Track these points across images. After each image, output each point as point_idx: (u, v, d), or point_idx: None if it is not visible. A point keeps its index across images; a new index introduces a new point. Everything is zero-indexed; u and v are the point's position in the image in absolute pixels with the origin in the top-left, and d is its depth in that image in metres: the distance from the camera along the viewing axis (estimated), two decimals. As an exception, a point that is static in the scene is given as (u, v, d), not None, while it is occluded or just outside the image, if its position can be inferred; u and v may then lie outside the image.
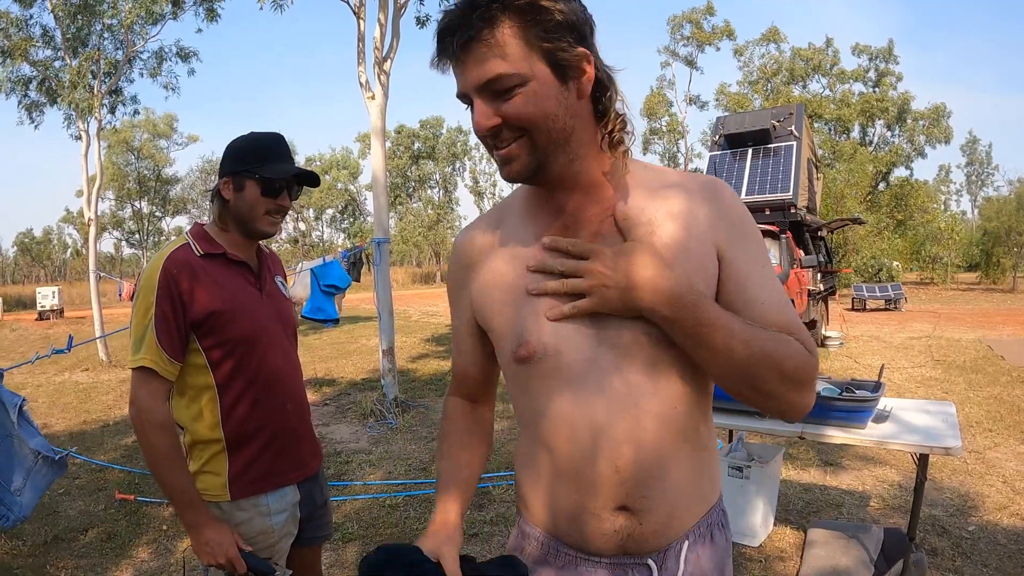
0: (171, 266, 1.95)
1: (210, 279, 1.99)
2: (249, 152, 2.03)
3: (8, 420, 2.75)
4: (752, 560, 3.88)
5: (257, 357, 2.05)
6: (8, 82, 12.89)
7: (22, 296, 35.46)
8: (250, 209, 2.02)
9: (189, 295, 1.94)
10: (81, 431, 7.35)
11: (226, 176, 2.03)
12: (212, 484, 2.04)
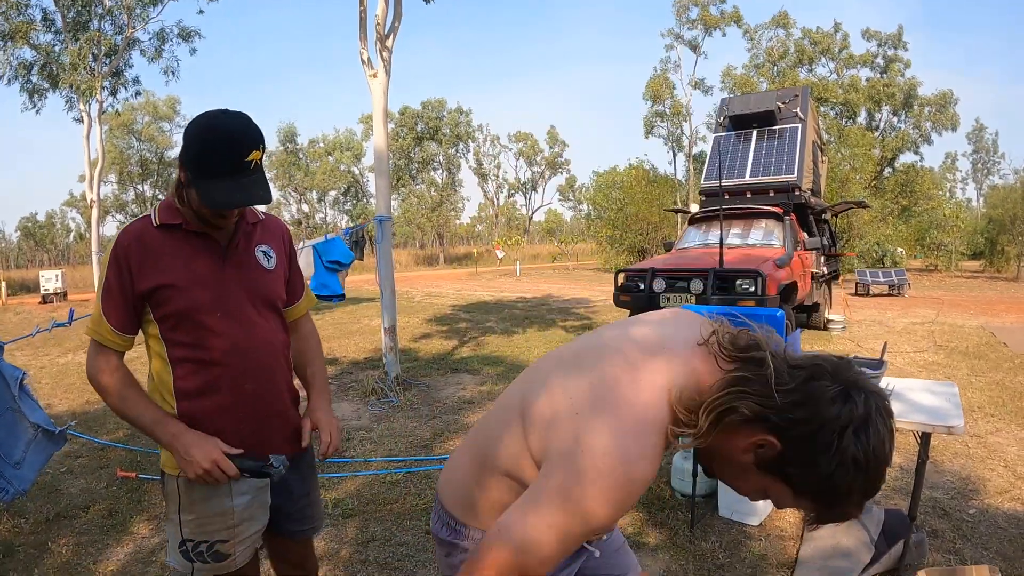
0: (123, 238, 1.93)
1: (162, 251, 1.94)
2: (196, 157, 1.85)
3: (8, 393, 2.75)
4: (752, 539, 3.87)
5: (211, 333, 1.98)
6: (10, 68, 12.87)
7: (26, 280, 35.49)
8: (197, 207, 1.92)
9: (138, 267, 1.91)
10: (84, 411, 7.35)
11: (180, 161, 1.92)
12: (169, 457, 2.02)
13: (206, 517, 2.02)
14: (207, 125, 1.85)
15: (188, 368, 1.98)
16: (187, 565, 2.07)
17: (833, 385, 1.19)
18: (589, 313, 15.60)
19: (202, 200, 1.85)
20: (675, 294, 8.52)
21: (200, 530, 2.04)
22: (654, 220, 33.36)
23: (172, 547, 2.08)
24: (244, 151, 1.85)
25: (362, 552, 3.87)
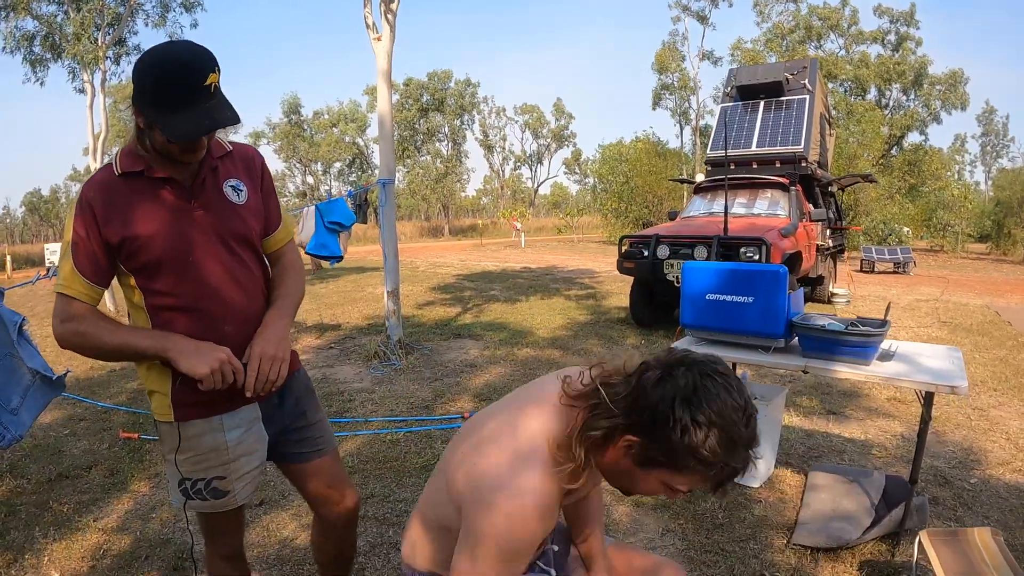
0: (87, 190, 1.88)
1: (125, 201, 1.89)
2: (151, 92, 1.75)
3: (7, 339, 2.74)
4: (752, 501, 3.87)
5: (185, 278, 1.94)
6: (13, 39, 12.81)
7: (31, 254, 35.56)
8: (162, 146, 1.83)
9: (103, 218, 1.86)
10: (88, 376, 7.39)
11: (134, 100, 1.79)
12: (159, 404, 2.01)
13: (201, 454, 2.02)
14: (157, 58, 1.75)
15: (167, 316, 1.94)
16: (188, 503, 2.08)
17: (655, 371, 1.41)
18: (593, 283, 15.57)
19: (168, 135, 1.76)
20: (678, 261, 8.49)
21: (196, 467, 2.04)
22: (660, 193, 33.30)
23: (172, 487, 2.09)
24: (201, 76, 1.75)
25: (361, 508, 3.87)
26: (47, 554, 3.49)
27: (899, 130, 42.80)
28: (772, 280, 3.48)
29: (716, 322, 3.72)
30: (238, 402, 2.04)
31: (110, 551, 3.51)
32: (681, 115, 53.32)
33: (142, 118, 1.81)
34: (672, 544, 3.41)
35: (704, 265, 3.84)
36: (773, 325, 3.49)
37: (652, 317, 9.71)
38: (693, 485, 1.43)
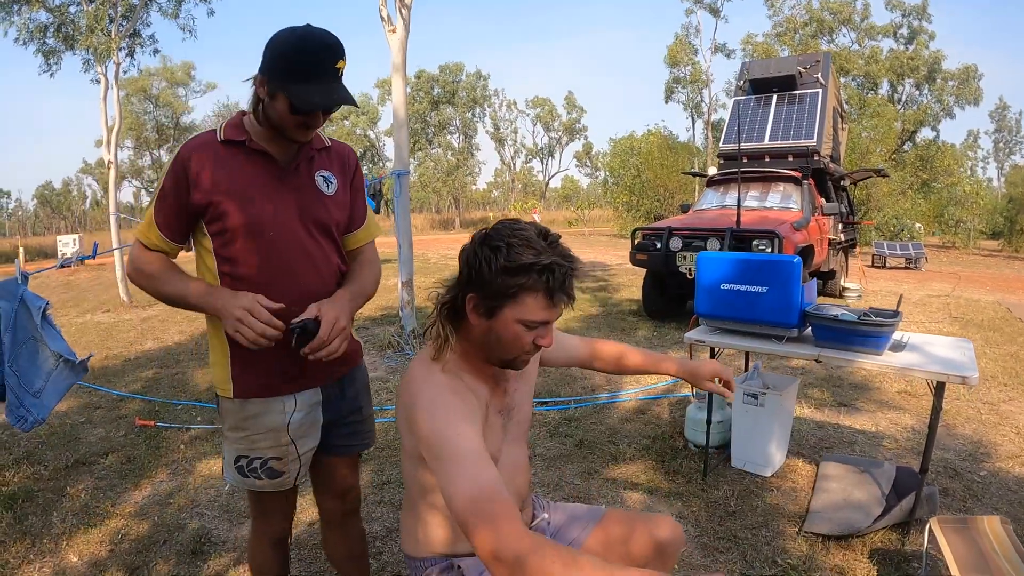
0: (185, 149, 1.92)
1: (222, 165, 1.92)
2: (289, 62, 1.82)
3: (31, 323, 2.77)
4: (764, 490, 3.89)
5: (262, 251, 1.96)
6: (26, 30, 12.83)
7: (43, 246, 35.75)
8: (279, 119, 1.89)
9: (196, 177, 1.89)
10: (103, 366, 7.44)
11: (262, 71, 1.87)
12: (220, 377, 2.05)
13: (259, 433, 2.06)
14: (301, 33, 1.83)
15: (236, 285, 1.95)
16: (242, 481, 2.12)
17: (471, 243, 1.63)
18: (606, 276, 15.55)
19: (297, 104, 1.82)
20: (691, 253, 8.49)
21: (254, 446, 2.07)
22: (671, 186, 33.17)
23: (228, 463, 2.12)
24: (334, 58, 1.85)
25: (377, 494, 3.93)
26: (65, 539, 3.53)
27: (912, 125, 42.53)
28: (786, 270, 3.50)
29: (730, 311, 3.74)
30: (301, 384, 2.08)
31: (128, 536, 3.55)
32: (693, 108, 53.13)
33: (266, 88, 1.86)
34: (685, 530, 3.42)
35: (719, 255, 3.87)
36: (787, 315, 3.51)
37: (664, 309, 9.72)
38: (538, 308, 1.56)
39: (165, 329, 9.85)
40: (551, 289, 1.54)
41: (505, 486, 1.42)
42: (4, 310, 2.74)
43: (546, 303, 1.56)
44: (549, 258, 1.53)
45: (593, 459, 4.43)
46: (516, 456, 1.90)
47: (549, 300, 1.56)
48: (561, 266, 1.54)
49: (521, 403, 1.89)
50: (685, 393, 5.78)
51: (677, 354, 7.27)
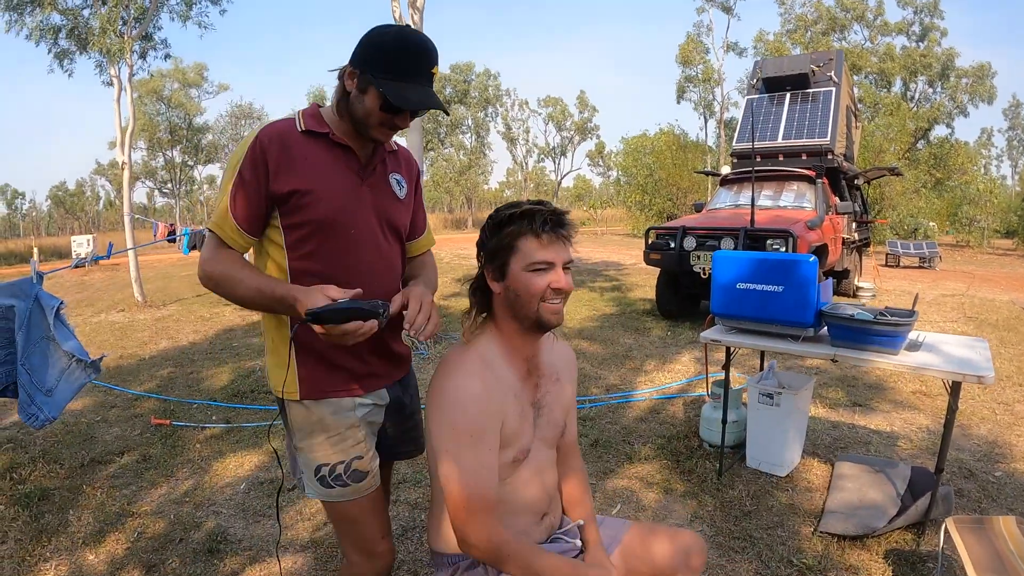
0: (264, 136, 1.84)
1: (303, 155, 1.86)
2: (388, 58, 1.78)
3: (45, 322, 2.79)
4: (779, 489, 3.88)
5: (338, 247, 1.90)
6: (38, 30, 12.91)
7: (57, 246, 35.97)
8: (366, 114, 1.83)
9: (276, 166, 1.82)
10: (118, 365, 7.48)
11: (355, 64, 1.82)
12: (283, 379, 1.94)
13: (337, 434, 1.95)
14: (401, 33, 1.81)
15: (307, 282, 1.84)
16: (327, 493, 1.97)
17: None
18: (620, 275, 15.56)
19: (395, 100, 1.77)
20: (705, 252, 8.47)
21: (335, 450, 1.95)
22: (684, 186, 33.10)
23: (308, 478, 1.98)
24: (431, 62, 1.84)
25: (393, 493, 3.93)
26: (81, 537, 3.55)
27: (925, 123, 42.28)
28: (803, 270, 3.49)
29: (746, 310, 3.73)
30: (370, 384, 2.01)
31: (144, 534, 3.56)
32: (705, 108, 52.97)
33: (358, 81, 1.82)
34: (700, 531, 3.43)
35: (735, 254, 3.86)
36: (803, 314, 3.51)
37: (678, 308, 9.71)
38: (533, 249, 1.71)
39: (179, 329, 9.89)
40: (537, 229, 1.70)
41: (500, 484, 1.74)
42: (19, 309, 2.76)
43: (538, 243, 1.71)
44: (528, 206, 1.73)
45: (608, 459, 4.43)
46: (545, 456, 1.94)
47: (539, 239, 1.70)
48: (540, 210, 1.72)
49: (553, 406, 1.93)
50: (700, 392, 5.77)
51: (692, 354, 7.27)
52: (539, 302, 1.73)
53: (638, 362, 7.10)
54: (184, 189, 57.04)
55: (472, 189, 64.40)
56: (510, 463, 1.78)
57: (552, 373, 1.94)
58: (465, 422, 1.67)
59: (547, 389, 1.92)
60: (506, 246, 1.72)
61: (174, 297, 13.40)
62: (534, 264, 1.70)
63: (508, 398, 1.77)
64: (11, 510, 3.87)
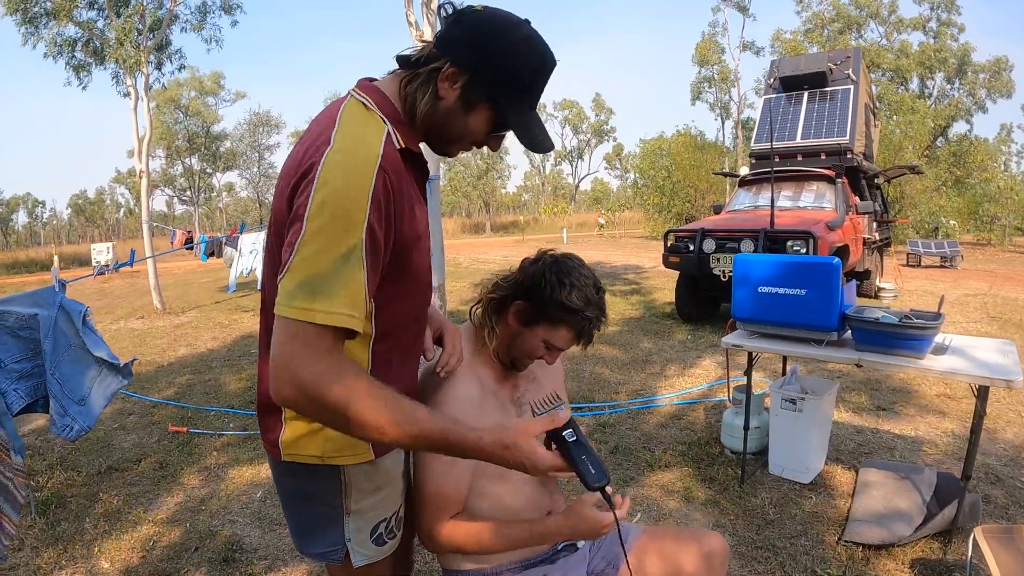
0: (390, 167, 1.30)
1: (400, 188, 1.34)
2: (519, 73, 1.37)
3: (72, 329, 2.78)
4: (802, 497, 3.81)
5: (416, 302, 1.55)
6: (55, 45, 13.04)
7: (78, 254, 36.25)
8: (460, 134, 1.43)
9: (398, 210, 1.33)
10: (137, 372, 7.46)
11: (465, 68, 1.35)
12: (352, 440, 1.46)
13: (392, 486, 1.64)
14: (538, 42, 1.40)
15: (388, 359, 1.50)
16: (379, 552, 1.64)
17: (528, 259, 1.86)
18: (638, 278, 15.50)
19: (525, 139, 1.40)
20: (724, 255, 8.40)
21: (390, 502, 1.63)
22: (702, 187, 32.94)
23: (360, 541, 1.60)
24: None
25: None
26: (97, 545, 3.54)
27: (944, 120, 41.93)
28: (825, 272, 3.43)
29: (768, 315, 3.67)
30: None
31: (160, 542, 3.55)
32: (722, 108, 52.80)
33: (468, 94, 1.38)
34: (721, 540, 3.37)
35: (756, 257, 3.80)
36: (826, 318, 3.45)
37: (698, 311, 9.64)
38: (564, 338, 1.79)
39: (198, 336, 9.91)
40: (582, 333, 1.79)
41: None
42: (43, 318, 2.75)
43: (572, 339, 1.81)
44: (594, 312, 1.78)
45: (628, 466, 4.38)
46: None
47: (576, 339, 1.81)
48: (598, 320, 1.79)
49: (533, 403, 2.01)
50: (721, 398, 5.70)
51: (713, 358, 7.20)
52: (528, 359, 1.88)
53: (659, 367, 7.04)
54: (203, 196, 57.32)
55: (490, 194, 64.44)
56: None
57: (527, 374, 2.02)
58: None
59: (525, 388, 2.00)
60: (550, 318, 1.78)
61: (193, 304, 13.45)
62: (553, 345, 1.82)
63: (488, 399, 1.85)
64: (27, 517, 3.87)
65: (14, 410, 2.60)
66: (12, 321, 2.68)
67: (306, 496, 1.59)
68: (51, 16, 12.63)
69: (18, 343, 2.69)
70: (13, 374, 2.65)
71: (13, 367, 2.65)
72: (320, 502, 1.57)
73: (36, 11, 12.59)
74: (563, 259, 1.82)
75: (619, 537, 1.75)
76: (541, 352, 1.83)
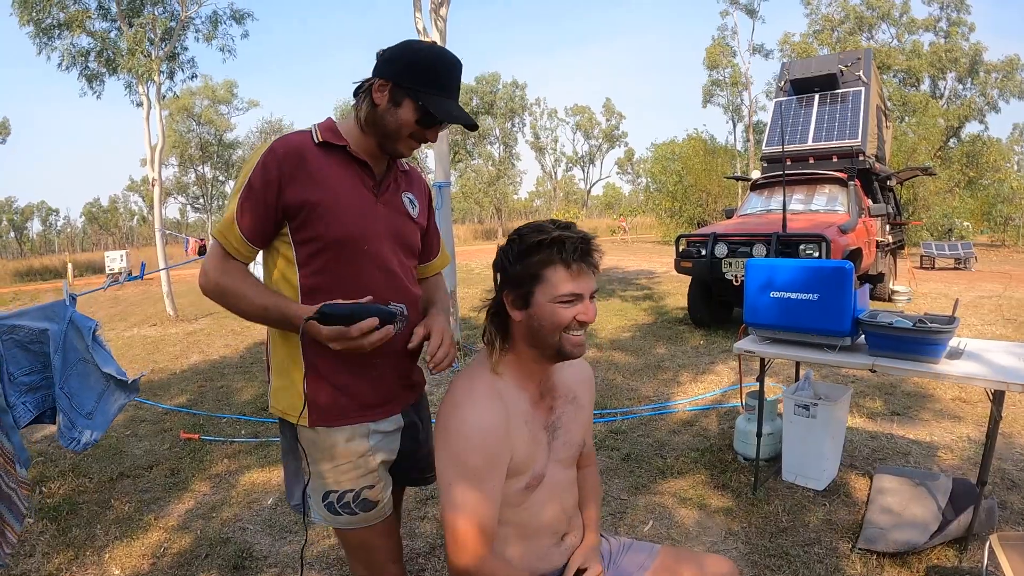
0: (279, 146, 1.78)
1: (318, 167, 1.80)
2: (425, 71, 1.78)
3: (81, 344, 2.79)
4: (816, 503, 3.78)
5: (351, 267, 1.83)
6: (68, 55, 13.16)
7: (92, 261, 36.54)
8: (397, 128, 1.80)
9: (289, 178, 1.76)
10: (149, 379, 7.52)
11: (387, 80, 1.79)
12: (292, 404, 1.87)
13: (348, 462, 1.87)
14: (436, 49, 1.85)
15: (320, 299, 1.78)
16: (335, 519, 1.92)
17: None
18: (651, 283, 15.47)
19: (437, 112, 1.77)
20: (736, 259, 8.36)
21: (344, 477, 1.88)
22: (713, 191, 32.88)
23: (315, 502, 1.92)
24: (461, 76, 1.88)
25: (421, 509, 3.90)
26: (108, 551, 3.55)
27: (956, 120, 41.72)
28: (838, 276, 3.40)
29: (780, 320, 3.65)
30: (386, 411, 1.95)
31: (170, 549, 3.56)
32: (733, 112, 52.72)
33: (391, 93, 1.79)
34: (735, 548, 3.34)
35: (768, 262, 3.77)
36: (839, 323, 3.42)
37: (711, 316, 9.58)
38: (562, 277, 1.64)
39: (210, 343, 9.95)
40: (567, 259, 1.63)
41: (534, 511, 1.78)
42: (53, 332, 2.75)
43: (567, 274, 1.64)
44: (557, 232, 1.64)
45: (640, 473, 4.35)
46: (562, 477, 1.88)
47: (568, 270, 1.64)
48: (570, 237, 1.64)
49: (569, 426, 1.87)
50: (734, 404, 5.67)
51: (726, 364, 7.16)
52: (562, 333, 1.67)
53: (671, 373, 7.00)
54: (216, 204, 57.59)
55: (502, 200, 64.39)
56: (523, 489, 1.74)
57: (567, 393, 1.89)
58: (469, 457, 1.62)
59: (562, 411, 1.86)
60: (532, 275, 1.66)
61: (206, 311, 13.49)
62: (562, 296, 1.64)
63: (518, 427, 1.71)
64: (39, 523, 3.90)
65: (21, 424, 2.60)
66: (22, 335, 2.68)
67: (285, 451, 2.02)
68: (64, 27, 12.75)
69: (28, 356, 2.70)
70: (22, 387, 2.65)
71: (22, 380, 2.66)
72: (291, 457, 1.99)
73: (49, 22, 12.70)
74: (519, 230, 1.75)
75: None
76: (566, 316, 1.65)
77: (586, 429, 1.98)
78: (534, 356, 1.75)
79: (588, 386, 1.99)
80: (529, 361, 1.76)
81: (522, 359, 1.76)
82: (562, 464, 1.87)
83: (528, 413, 1.75)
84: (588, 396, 1.98)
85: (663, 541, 3.41)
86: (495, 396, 1.70)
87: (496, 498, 1.65)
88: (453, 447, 1.64)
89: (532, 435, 1.75)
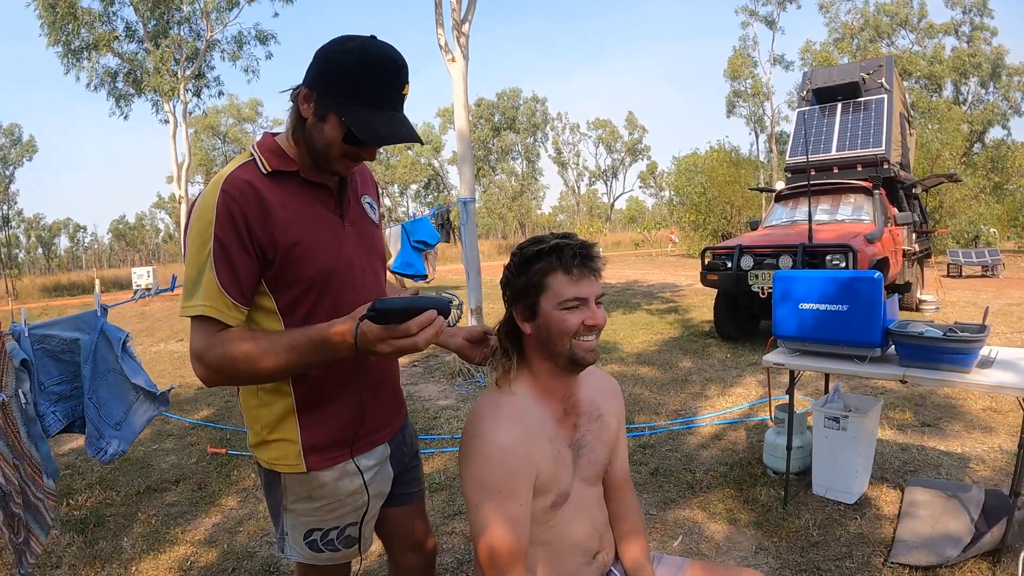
0: (231, 189, 1.53)
1: (279, 205, 1.58)
2: (349, 79, 1.53)
3: (112, 355, 2.81)
4: (847, 517, 3.72)
5: (335, 299, 1.68)
6: (96, 76, 13.38)
7: (119, 277, 36.90)
8: (326, 146, 1.58)
9: (258, 223, 1.54)
10: (176, 394, 7.58)
11: (312, 86, 1.56)
12: (286, 453, 1.72)
13: (337, 500, 1.78)
14: (368, 49, 1.53)
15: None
16: (314, 556, 1.83)
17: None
18: (675, 297, 15.39)
19: (361, 133, 1.51)
20: (763, 271, 8.30)
21: (330, 516, 1.80)
22: (738, 203, 32.70)
23: (295, 539, 1.82)
24: (403, 82, 1.59)
25: (448, 524, 3.88)
26: (135, 564, 3.58)
27: (980, 125, 41.34)
28: (867, 287, 3.37)
29: (809, 332, 3.61)
30: (372, 442, 1.85)
31: (197, 563, 3.58)
32: (756, 122, 52.57)
33: (314, 106, 1.57)
34: (766, 562, 3.30)
35: (795, 273, 3.74)
36: (869, 333, 3.38)
37: (737, 329, 9.51)
38: (563, 286, 1.64)
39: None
40: (567, 264, 1.63)
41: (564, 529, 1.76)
42: (84, 343, 2.79)
43: (568, 279, 1.64)
44: (555, 240, 1.66)
45: (669, 488, 4.31)
46: (589, 494, 1.86)
47: (569, 275, 1.64)
48: (569, 244, 1.65)
49: (594, 444, 1.85)
50: (763, 417, 5.62)
51: (754, 376, 7.10)
52: (572, 340, 1.66)
53: (699, 386, 6.95)
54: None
55: (525, 214, 64.62)
56: (549, 508, 1.73)
57: (592, 410, 1.86)
58: (493, 477, 1.61)
59: (587, 428, 1.84)
60: (535, 284, 1.67)
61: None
62: (566, 302, 1.64)
63: (542, 445, 1.70)
64: (66, 535, 3.95)
65: (51, 433, 2.63)
66: (54, 344, 2.72)
67: (265, 489, 1.86)
68: (91, 48, 12.95)
69: (58, 366, 2.73)
70: (52, 396, 2.68)
71: (53, 389, 2.69)
72: (271, 495, 1.84)
73: (78, 44, 12.91)
74: (520, 245, 1.75)
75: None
76: (572, 321, 1.63)
77: (615, 447, 1.95)
78: (550, 370, 1.74)
79: (614, 401, 1.96)
80: (545, 376, 1.75)
81: (538, 375, 1.76)
82: (588, 482, 1.85)
83: (552, 431, 1.74)
84: (616, 411, 1.96)
85: (694, 556, 3.37)
86: (513, 415, 1.69)
87: (524, 517, 1.63)
88: (475, 468, 1.64)
89: (556, 452, 1.73)
